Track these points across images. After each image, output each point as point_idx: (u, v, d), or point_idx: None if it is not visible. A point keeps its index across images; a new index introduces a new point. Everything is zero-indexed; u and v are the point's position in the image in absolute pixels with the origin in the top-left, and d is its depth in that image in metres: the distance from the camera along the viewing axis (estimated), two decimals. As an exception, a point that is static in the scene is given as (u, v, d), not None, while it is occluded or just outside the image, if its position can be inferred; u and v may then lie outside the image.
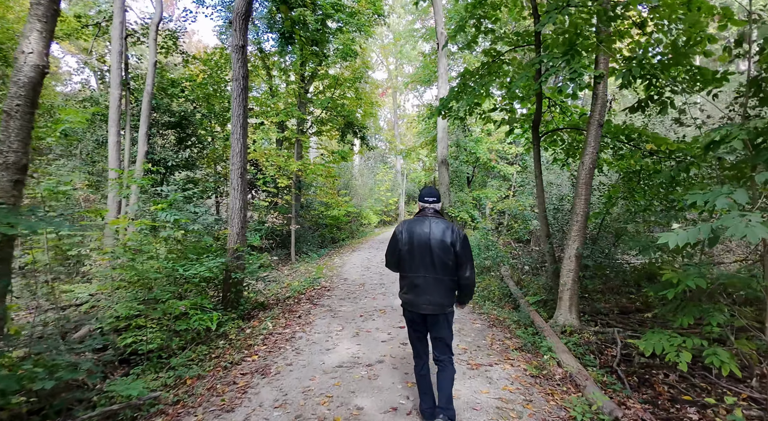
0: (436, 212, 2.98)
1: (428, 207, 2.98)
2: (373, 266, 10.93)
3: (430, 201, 2.98)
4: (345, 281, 8.68)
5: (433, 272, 2.83)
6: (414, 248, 2.86)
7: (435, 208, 2.99)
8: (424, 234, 2.85)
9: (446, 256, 2.81)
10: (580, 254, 5.28)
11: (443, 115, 7.71)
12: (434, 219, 2.91)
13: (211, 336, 4.91)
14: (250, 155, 11.63)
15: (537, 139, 6.34)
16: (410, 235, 2.89)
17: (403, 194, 35.92)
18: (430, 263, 2.83)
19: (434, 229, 2.85)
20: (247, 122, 6.30)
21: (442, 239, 2.82)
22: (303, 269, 10.73)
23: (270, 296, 7.48)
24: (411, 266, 2.88)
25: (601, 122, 5.26)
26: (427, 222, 2.90)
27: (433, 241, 2.82)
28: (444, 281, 2.84)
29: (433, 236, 2.83)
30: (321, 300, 6.94)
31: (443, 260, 2.82)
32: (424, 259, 2.83)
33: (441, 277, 2.83)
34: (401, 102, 42.64)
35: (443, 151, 16.03)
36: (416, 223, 2.93)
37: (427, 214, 2.96)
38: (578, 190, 5.33)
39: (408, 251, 2.88)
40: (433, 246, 2.82)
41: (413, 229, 2.90)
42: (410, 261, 2.88)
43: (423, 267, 2.84)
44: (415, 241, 2.86)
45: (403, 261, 2.93)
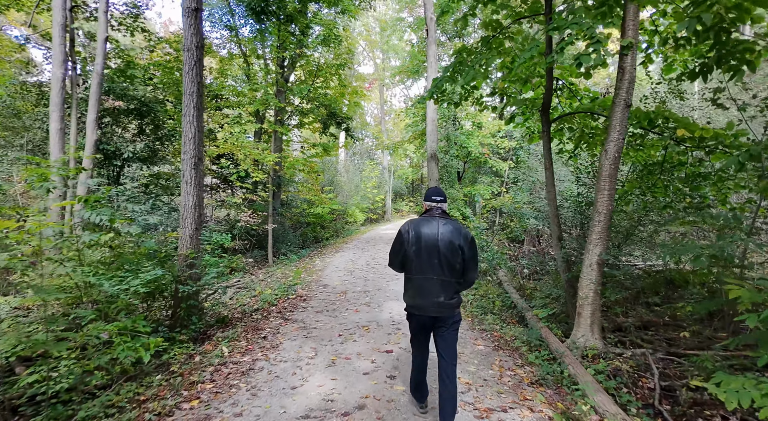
0: (443, 212, 2.89)
1: (436, 207, 2.90)
2: (358, 269, 9.94)
3: (438, 200, 2.90)
4: (324, 288, 7.68)
5: (441, 274, 2.73)
6: (421, 249, 2.75)
7: (443, 208, 2.90)
8: (432, 235, 2.75)
9: (454, 258, 2.73)
10: (603, 261, 4.38)
11: (435, 99, 6.74)
12: (442, 219, 2.82)
13: (146, 368, 3.87)
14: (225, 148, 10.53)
15: (547, 124, 5.42)
16: (417, 235, 2.78)
17: (390, 191, 34.97)
18: (437, 265, 2.73)
19: (443, 230, 2.76)
20: (202, 102, 5.24)
21: (451, 241, 2.72)
22: (280, 273, 9.69)
23: (236, 308, 6.44)
24: (418, 268, 2.77)
25: (628, 102, 4.36)
26: (435, 222, 2.80)
27: (442, 242, 2.73)
28: (451, 284, 2.76)
29: (442, 237, 2.73)
30: (294, 313, 5.92)
31: (451, 261, 2.73)
32: (431, 260, 2.74)
33: (449, 279, 2.75)
34: (388, 98, 41.70)
35: (433, 145, 15.10)
36: (424, 223, 2.81)
37: (435, 214, 2.86)
38: (600, 184, 4.42)
39: (415, 252, 2.77)
40: (441, 248, 2.72)
41: (421, 229, 2.79)
42: (417, 262, 2.77)
43: (431, 269, 2.74)
44: (423, 242, 2.75)
45: (409, 262, 2.81)
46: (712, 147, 5.00)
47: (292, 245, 14.01)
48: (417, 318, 2.85)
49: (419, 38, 18.68)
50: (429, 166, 15.24)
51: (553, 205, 5.34)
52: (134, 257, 4.50)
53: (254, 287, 8.00)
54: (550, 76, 5.40)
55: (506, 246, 10.91)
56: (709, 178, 5.33)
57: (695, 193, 5.44)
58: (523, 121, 7.21)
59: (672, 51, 5.87)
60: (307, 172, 15.93)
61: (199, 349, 4.48)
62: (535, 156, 13.72)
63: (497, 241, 10.59)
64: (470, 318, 5.76)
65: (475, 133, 15.92)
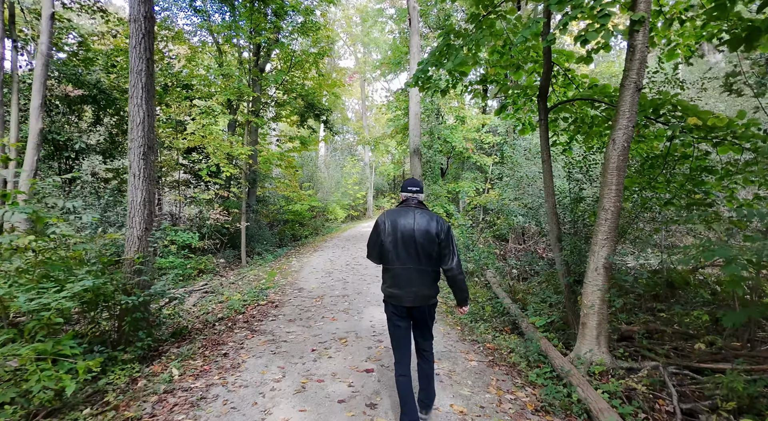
0: (419, 203, 2.91)
1: (412, 197, 2.91)
2: (337, 269, 9.32)
3: (414, 191, 2.92)
4: (299, 293, 7.04)
5: (418, 263, 2.75)
6: (398, 239, 2.76)
7: (418, 198, 2.92)
8: (408, 225, 2.77)
9: (431, 247, 2.74)
10: (611, 264, 3.89)
11: (420, 87, 6.15)
12: (418, 209, 2.84)
13: (73, 400, 3.18)
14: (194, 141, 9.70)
15: (544, 111, 4.89)
16: (394, 225, 2.79)
17: (371, 188, 34.38)
18: (414, 254, 2.75)
19: (419, 219, 2.78)
20: (152, 82, 4.52)
21: (427, 230, 2.74)
22: (253, 275, 8.99)
23: (198, 317, 5.75)
24: (395, 258, 2.78)
25: (639, 84, 3.86)
26: (411, 212, 2.82)
27: (418, 231, 2.74)
28: (428, 273, 2.78)
29: (418, 227, 2.75)
30: (263, 323, 5.27)
31: (428, 250, 2.75)
32: (408, 250, 2.75)
33: (425, 268, 2.76)
34: (369, 93, 41.02)
35: (416, 140, 14.56)
36: (400, 213, 2.83)
37: (411, 204, 2.88)
38: (607, 178, 3.92)
39: (392, 242, 2.78)
40: (418, 237, 2.74)
41: (397, 219, 2.80)
42: (394, 252, 2.77)
43: (408, 258, 2.75)
44: (399, 231, 2.76)
45: (386, 252, 2.81)
46: (721, 138, 4.58)
47: (269, 243, 13.28)
48: (394, 308, 2.84)
49: (401, 30, 18.09)
50: (412, 161, 14.69)
51: (551, 202, 4.83)
52: (65, 262, 3.77)
53: (222, 292, 7.30)
54: (548, 58, 4.88)
55: (492, 245, 10.46)
56: (716, 172, 4.92)
57: (699, 189, 5.03)
58: (514, 111, 6.70)
59: (677, 35, 5.45)
60: (285, 168, 15.20)
61: (146, 370, 3.80)
62: (520, 151, 13.34)
63: (483, 239, 10.14)
64: (459, 327, 5.22)
65: (459, 127, 15.45)
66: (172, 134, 10.23)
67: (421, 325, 2.90)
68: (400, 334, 2.86)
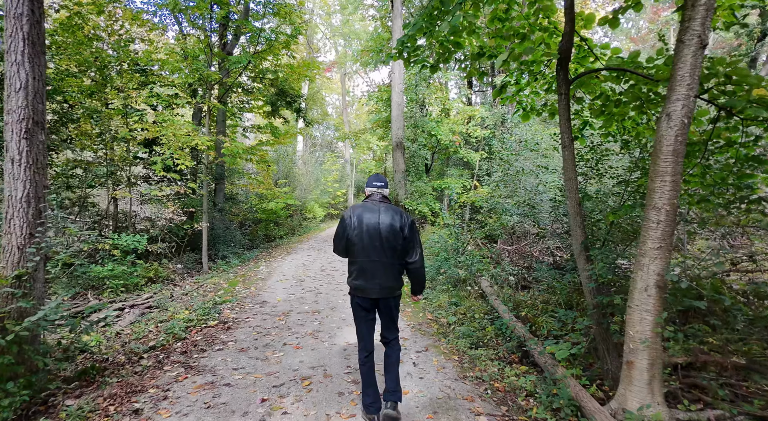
0: (384, 198, 2.98)
1: (377, 192, 2.99)
2: (309, 277, 8.16)
3: (379, 186, 2.99)
4: (261, 308, 5.87)
5: (383, 256, 2.82)
6: (363, 233, 2.83)
7: (383, 193, 2.99)
8: (373, 219, 2.83)
9: (395, 240, 2.83)
10: (666, 283, 2.87)
11: (406, 58, 5.05)
12: (383, 204, 2.92)
13: None
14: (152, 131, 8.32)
15: (565, 83, 3.85)
16: (359, 220, 2.85)
17: (352, 186, 33.25)
18: (379, 248, 2.82)
19: (383, 214, 2.85)
20: (40, 33, 3.29)
21: (392, 224, 2.82)
22: (212, 284, 7.75)
23: (126, 345, 4.52)
24: (360, 251, 2.84)
25: (704, 40, 2.85)
26: (376, 207, 2.89)
27: (383, 225, 2.81)
28: (394, 265, 2.86)
29: (383, 221, 2.83)
30: (205, 355, 4.10)
31: (392, 244, 2.83)
32: (373, 244, 2.82)
33: (391, 261, 2.84)
34: (351, 88, 39.77)
35: (398, 133, 13.48)
36: (365, 208, 2.90)
37: (376, 199, 2.96)
38: (659, 166, 2.90)
39: (357, 236, 2.84)
40: (383, 231, 2.81)
41: (362, 214, 2.86)
42: (360, 246, 2.83)
43: (373, 252, 2.82)
44: (365, 226, 2.83)
45: (352, 246, 2.88)
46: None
47: (237, 245, 12.00)
48: (360, 299, 2.90)
49: (382, 17, 16.94)
50: (394, 156, 13.61)
51: (575, 199, 3.78)
52: None
53: (168, 307, 6.06)
54: (570, 15, 3.84)
55: (483, 247, 9.47)
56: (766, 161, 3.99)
57: (743, 183, 4.09)
58: (516, 92, 5.66)
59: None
60: (256, 162, 13.93)
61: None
62: (511, 146, 12.42)
63: (473, 241, 9.15)
64: (457, 356, 4.16)
65: (445, 120, 14.44)
66: (123, 122, 8.86)
67: (386, 316, 2.96)
68: (365, 324, 2.96)
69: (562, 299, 5.10)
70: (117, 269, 7.03)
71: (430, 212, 13.06)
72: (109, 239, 7.49)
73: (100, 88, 8.32)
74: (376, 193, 2.99)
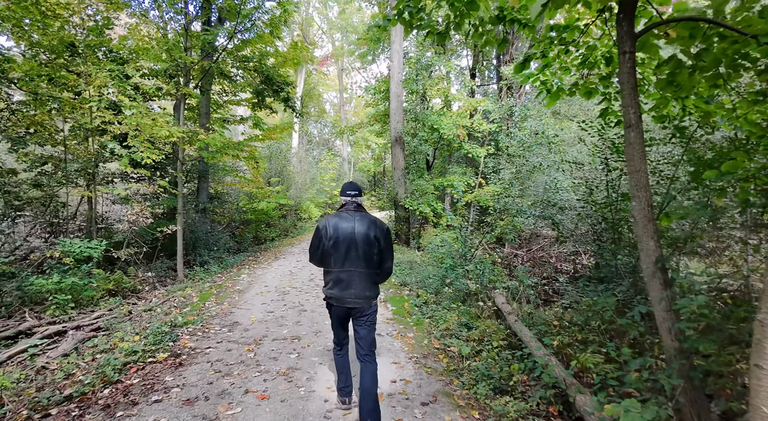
0: (358, 206, 2.96)
1: (350, 201, 2.94)
2: (295, 288, 7.09)
3: (352, 195, 2.94)
4: (230, 332, 4.80)
5: (359, 265, 2.80)
6: (339, 243, 2.80)
7: (357, 201, 2.96)
8: (348, 228, 2.81)
9: (371, 250, 2.82)
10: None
11: (408, 21, 3.97)
12: (358, 213, 2.90)
13: None
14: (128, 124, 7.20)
15: (631, 38, 2.76)
16: (335, 229, 2.82)
17: (350, 185, 32.12)
18: (355, 257, 2.80)
19: (359, 223, 2.83)
20: None
21: (367, 233, 2.81)
22: (182, 297, 6.69)
23: (27, 398, 3.44)
24: (336, 261, 2.82)
25: None
26: (351, 216, 2.87)
27: (358, 235, 2.80)
28: (369, 275, 2.84)
29: (358, 231, 2.80)
30: (134, 412, 3.01)
31: (368, 254, 2.81)
32: (349, 253, 2.79)
33: (365, 271, 2.82)
34: (348, 85, 38.71)
35: (398, 126, 12.39)
36: (340, 217, 2.87)
37: (350, 208, 2.92)
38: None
39: (333, 246, 2.81)
40: (359, 240, 2.79)
41: (338, 223, 2.84)
42: (335, 256, 2.81)
43: (348, 261, 2.80)
44: (340, 235, 2.80)
45: (327, 256, 2.85)
46: None
47: (221, 249, 10.92)
48: (336, 309, 2.88)
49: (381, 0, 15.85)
50: (393, 152, 12.53)
51: (644, 198, 2.69)
52: None
53: (119, 329, 4.98)
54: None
55: (493, 253, 8.42)
56: None
57: None
58: (541, 68, 4.59)
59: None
60: (245, 159, 12.86)
61: None
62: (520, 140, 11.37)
63: (483, 246, 8.08)
64: (477, 410, 3.08)
65: (448, 113, 13.37)
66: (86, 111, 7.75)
67: (363, 328, 2.89)
68: (341, 331, 3.01)
69: (602, 324, 4.04)
70: (66, 281, 5.95)
71: (431, 212, 11.99)
72: (59, 244, 6.40)
73: (56, 71, 7.21)
74: (350, 202, 2.93)
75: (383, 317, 5.47)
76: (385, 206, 14.15)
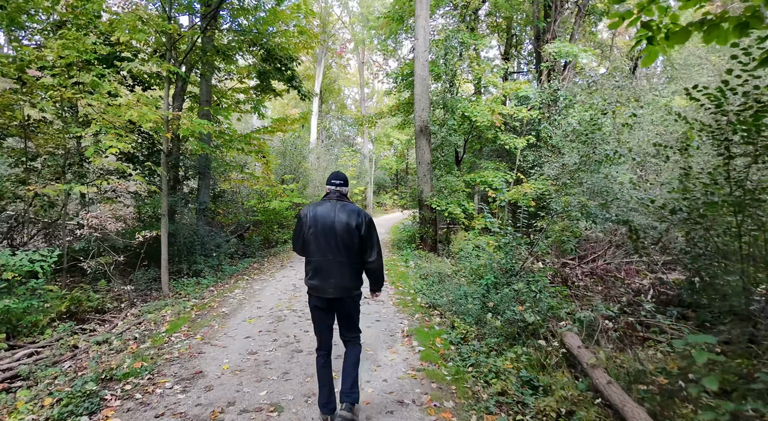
0: (341, 195, 2.92)
1: (334, 190, 2.91)
2: (295, 310, 5.58)
3: (337, 184, 2.92)
4: (183, 393, 3.30)
5: (338, 255, 2.76)
6: (318, 231, 2.78)
7: (341, 191, 2.92)
8: (329, 217, 2.79)
9: (351, 239, 2.77)
10: None
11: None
12: (339, 202, 2.86)
13: None
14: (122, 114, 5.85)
15: None
16: (314, 218, 2.80)
17: (371, 183, 30.69)
18: (334, 246, 2.76)
19: (339, 212, 2.80)
20: None
21: (347, 222, 2.76)
22: (153, 321, 5.28)
23: None
24: (316, 250, 2.79)
25: None
26: (332, 205, 2.84)
27: (338, 224, 2.77)
28: (349, 265, 2.79)
29: (338, 219, 2.77)
30: None
31: (348, 243, 2.77)
32: (329, 242, 2.76)
33: (346, 260, 2.78)
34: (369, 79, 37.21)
35: (423, 114, 10.72)
36: (321, 206, 2.85)
37: (333, 197, 2.89)
38: None
39: (312, 234, 2.79)
40: (338, 229, 2.76)
41: (318, 212, 2.82)
42: (315, 244, 2.79)
43: (328, 250, 2.77)
44: (320, 224, 2.78)
45: (307, 245, 2.82)
46: None
47: (221, 255, 9.55)
48: (316, 299, 2.84)
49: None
50: (418, 144, 10.87)
51: None
52: None
53: (40, 378, 3.57)
54: None
55: (548, 266, 6.68)
56: None
57: None
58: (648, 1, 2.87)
59: None
60: (251, 153, 11.49)
61: None
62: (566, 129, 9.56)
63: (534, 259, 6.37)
64: None
65: (480, 98, 11.64)
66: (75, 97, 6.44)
67: (344, 317, 2.91)
68: (322, 324, 2.89)
69: None
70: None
71: (462, 213, 10.30)
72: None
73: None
74: (334, 191, 2.89)
75: (407, 365, 3.88)
76: (407, 205, 12.63)
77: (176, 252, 8.25)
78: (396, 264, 9.19)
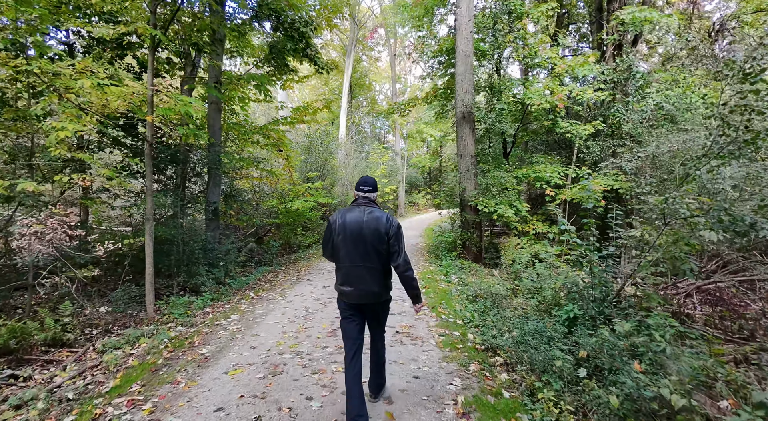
0: (370, 201, 2.91)
1: (362, 196, 2.90)
2: (299, 354, 3.99)
3: (366, 190, 2.90)
4: None
5: (368, 261, 2.76)
6: (347, 238, 2.76)
7: (370, 197, 2.91)
8: (357, 223, 2.78)
9: (380, 245, 2.76)
10: None
11: None
12: (368, 208, 2.85)
13: None
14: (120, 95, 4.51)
15: None
16: (344, 224, 2.79)
17: (403, 182, 28.92)
18: (364, 253, 2.75)
19: (368, 217, 2.78)
20: None
21: (376, 228, 2.75)
22: (113, 365, 3.85)
23: None
24: (345, 256, 2.78)
25: None
26: (362, 211, 2.83)
27: (367, 230, 2.75)
28: (378, 270, 2.79)
29: (367, 226, 2.76)
30: None
31: (377, 248, 2.76)
32: (358, 248, 2.76)
33: (375, 266, 2.77)
34: (402, 74, 35.51)
35: (466, 98, 8.93)
36: (351, 211, 2.85)
37: (361, 203, 2.88)
38: None
39: (342, 240, 2.78)
40: (367, 235, 2.74)
41: (347, 218, 2.81)
42: (345, 251, 2.78)
43: (358, 256, 2.76)
44: (348, 230, 2.77)
45: (337, 251, 2.82)
46: None
47: (229, 263, 8.15)
48: (345, 304, 2.85)
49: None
50: (459, 134, 9.09)
51: None
52: None
53: None
54: None
55: (656, 295, 4.82)
56: None
57: None
58: None
59: None
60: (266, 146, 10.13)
61: None
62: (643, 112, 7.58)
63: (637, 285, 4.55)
64: None
65: (535, 80, 9.74)
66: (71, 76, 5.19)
67: (373, 321, 2.98)
68: (351, 329, 2.85)
69: None
70: None
71: (514, 216, 8.47)
72: None
73: None
74: (362, 197, 2.89)
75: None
76: (443, 205, 10.95)
77: (173, 262, 6.89)
78: (434, 278, 7.49)
